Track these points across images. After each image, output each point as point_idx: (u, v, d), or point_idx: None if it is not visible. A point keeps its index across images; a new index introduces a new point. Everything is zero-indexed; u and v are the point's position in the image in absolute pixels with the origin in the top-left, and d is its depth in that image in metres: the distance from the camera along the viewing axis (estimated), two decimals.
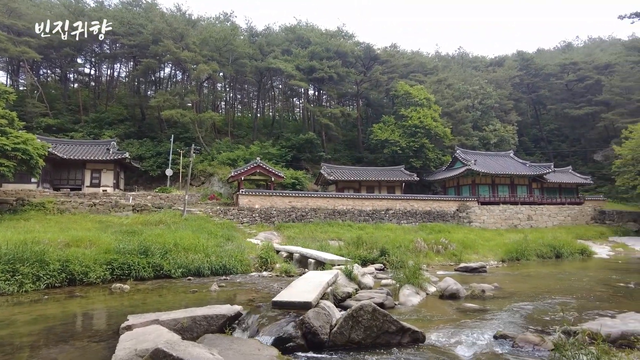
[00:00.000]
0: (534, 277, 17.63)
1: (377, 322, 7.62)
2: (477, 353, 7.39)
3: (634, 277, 16.92)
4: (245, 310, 8.98)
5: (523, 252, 23.33)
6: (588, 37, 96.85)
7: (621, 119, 46.18)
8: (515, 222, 34.66)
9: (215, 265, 15.68)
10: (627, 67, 53.77)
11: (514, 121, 53.42)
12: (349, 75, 47.35)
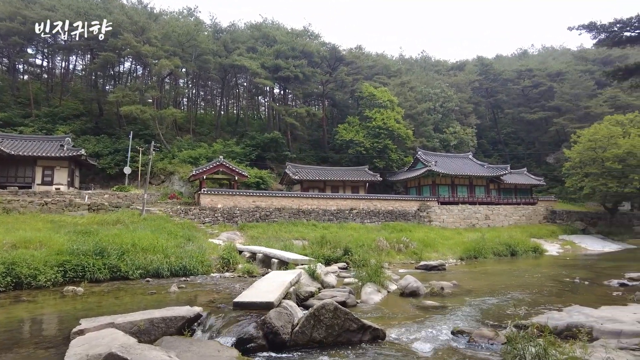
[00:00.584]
0: (491, 274, 18.36)
1: (338, 320, 7.68)
2: (435, 349, 7.59)
3: (580, 273, 17.98)
4: (206, 311, 8.81)
5: (480, 250, 24.23)
6: (542, 45, 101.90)
7: (571, 124, 48.91)
8: (473, 222, 35.94)
9: (175, 266, 15.28)
10: (576, 76, 57.06)
11: (473, 124, 55.33)
12: (315, 75, 47.49)
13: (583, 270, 19.53)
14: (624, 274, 16.36)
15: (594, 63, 61.95)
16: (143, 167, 32.31)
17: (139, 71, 51.14)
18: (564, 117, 52.44)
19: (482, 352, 7.32)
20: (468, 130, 51.85)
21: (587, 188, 36.33)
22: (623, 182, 33.85)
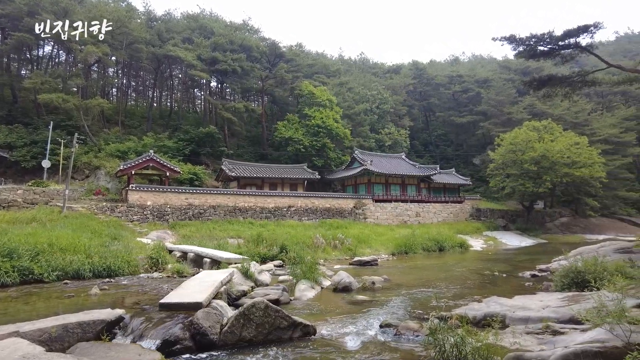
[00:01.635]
0: (420, 269, 19.26)
1: (269, 318, 7.63)
2: (364, 342, 7.79)
3: (500, 267, 19.44)
4: (129, 313, 8.32)
5: (411, 246, 25.36)
6: (472, 53, 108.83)
7: (495, 128, 52.64)
8: (405, 219, 37.50)
9: (99, 266, 14.25)
10: (501, 83, 61.53)
11: (407, 126, 57.72)
12: (254, 70, 46.78)
13: (502, 263, 21.13)
14: (535, 266, 17.95)
15: (515, 73, 67.11)
16: (65, 161, 29.81)
17: (62, 57, 47.11)
18: (489, 121, 56.31)
19: (407, 344, 7.63)
20: (402, 132, 53.99)
21: (508, 188, 39.31)
22: (538, 182, 36.99)
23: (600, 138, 45.73)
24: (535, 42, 18.02)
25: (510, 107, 55.47)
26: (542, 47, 18.18)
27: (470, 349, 5.77)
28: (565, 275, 11.11)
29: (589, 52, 17.34)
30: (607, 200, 43.76)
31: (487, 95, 58.99)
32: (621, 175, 46.39)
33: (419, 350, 7.17)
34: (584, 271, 10.42)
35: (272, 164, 39.54)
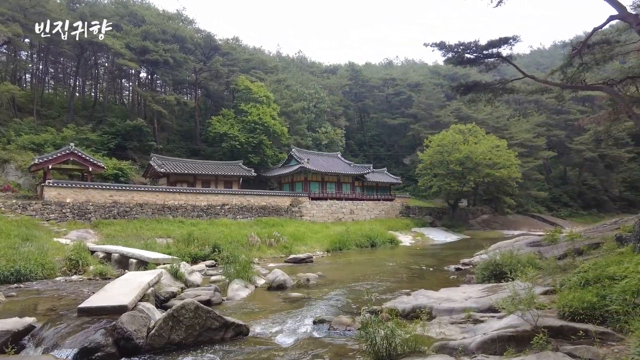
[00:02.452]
0: (353, 264, 19.72)
1: (199, 319, 7.36)
2: (297, 339, 7.79)
3: (427, 261, 20.48)
4: (42, 321, 7.61)
5: (345, 242, 25.88)
6: (405, 58, 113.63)
7: (424, 130, 55.40)
8: (340, 216, 38.23)
9: (6, 271, 12.85)
10: (431, 87, 64.89)
11: (342, 125, 58.84)
12: (187, 62, 44.89)
13: (430, 258, 22.28)
14: (459, 260, 19.14)
15: (444, 78, 71.15)
16: None
17: None
18: (419, 123, 59.14)
19: (340, 339, 7.75)
20: (338, 131, 54.96)
21: (435, 187, 41.57)
22: (462, 182, 39.53)
23: (517, 142, 49.91)
24: (462, 50, 19.15)
25: (438, 110, 58.58)
26: (468, 55, 19.37)
27: (399, 341, 5.99)
28: (485, 268, 11.95)
29: (508, 62, 18.77)
30: (522, 199, 47.92)
31: (417, 99, 61.92)
32: (533, 176, 51.04)
33: (351, 344, 7.32)
34: (501, 264, 11.29)
35: (205, 160, 38.21)
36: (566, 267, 9.53)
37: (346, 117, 63.33)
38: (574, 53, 17.77)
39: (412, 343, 6.00)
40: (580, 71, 18.01)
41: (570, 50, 18.45)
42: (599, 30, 17.22)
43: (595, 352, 5.07)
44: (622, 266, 7.20)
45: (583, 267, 8.14)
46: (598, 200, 55.15)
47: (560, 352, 5.27)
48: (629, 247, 8.81)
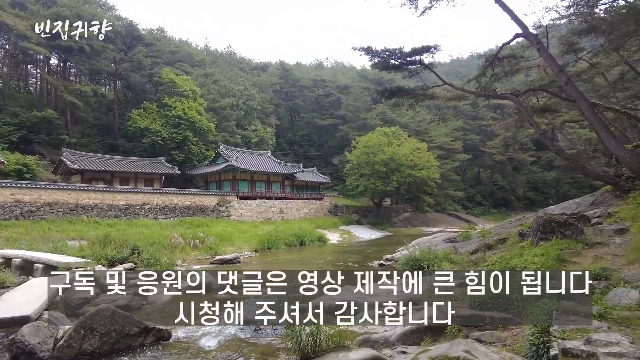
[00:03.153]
0: (282, 263, 19.72)
1: (116, 326, 6.91)
2: (222, 341, 7.63)
3: (353, 258, 21.13)
4: None
5: (274, 242, 25.75)
6: (335, 60, 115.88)
7: (352, 132, 56.95)
8: (269, 215, 38.00)
9: None
10: (358, 90, 66.86)
11: (273, 124, 58.49)
12: (106, 50, 41.67)
13: (355, 255, 22.98)
14: (382, 256, 19.98)
15: (371, 82, 73.56)
16: None
17: None
18: (347, 125, 60.68)
19: (266, 339, 7.72)
20: (268, 130, 54.52)
21: (361, 186, 42.97)
22: (386, 182, 41.30)
23: (436, 144, 53.29)
24: (388, 56, 20.01)
25: (365, 113, 60.58)
26: (393, 61, 20.28)
27: (324, 337, 6.12)
28: (406, 263, 12.62)
29: (429, 69, 19.97)
30: (440, 198, 51.33)
31: (346, 101, 63.51)
32: (450, 177, 54.87)
33: (277, 343, 7.33)
34: (420, 259, 12.01)
35: (124, 157, 35.75)
36: (477, 260, 10.38)
37: (277, 116, 63.07)
38: (486, 64, 19.41)
39: (336, 338, 6.15)
40: (492, 81, 19.71)
41: (484, 61, 20.15)
42: (508, 45, 19.02)
43: (498, 336, 5.60)
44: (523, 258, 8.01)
45: (491, 261, 8.93)
46: (506, 200, 60.77)
47: (470, 338, 5.73)
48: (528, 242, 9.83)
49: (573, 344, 4.36)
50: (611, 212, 11.80)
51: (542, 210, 13.73)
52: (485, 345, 5.68)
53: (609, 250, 8.56)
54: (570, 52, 22.79)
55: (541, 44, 15.46)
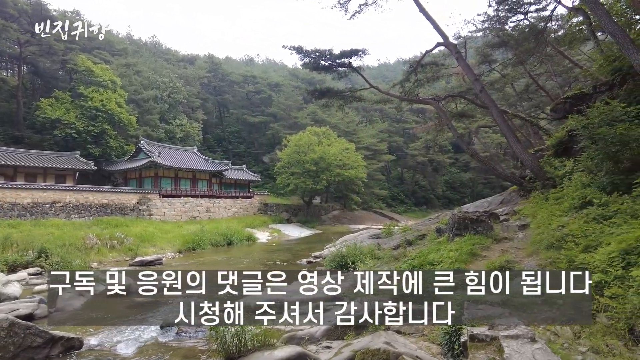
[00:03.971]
0: (207, 264, 19.11)
1: (16, 338, 6.22)
2: (141, 347, 7.24)
3: (282, 256, 21.12)
4: None
5: (199, 242, 24.85)
6: (266, 57, 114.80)
7: (283, 130, 56.94)
8: (195, 214, 36.63)
9: None
10: (290, 89, 66.93)
11: (200, 119, 56.40)
12: (8, 30, 37.23)
13: (285, 253, 22.99)
14: (311, 254, 20.22)
15: (303, 81, 74.09)
16: None
17: None
18: (278, 123, 60.53)
19: (189, 342, 7.45)
20: (195, 125, 52.50)
21: (292, 185, 43.10)
22: (316, 180, 41.87)
23: (364, 145, 55.12)
24: (318, 57, 20.27)
25: (297, 112, 60.88)
26: (323, 62, 20.60)
27: (249, 336, 6.04)
28: (333, 259, 12.90)
29: (357, 72, 20.56)
30: (367, 197, 53.17)
31: (277, 99, 63.30)
32: (376, 176, 57.08)
33: (201, 346, 7.11)
34: (347, 255, 12.33)
35: (31, 150, 32.25)
36: (399, 256, 10.89)
37: (204, 111, 60.89)
38: (410, 70, 20.46)
39: (261, 337, 6.11)
40: (415, 86, 20.82)
41: (408, 67, 21.20)
42: (430, 53, 20.16)
43: (416, 327, 5.92)
44: (439, 253, 8.55)
45: (411, 256, 9.42)
46: (427, 198, 64.56)
47: (391, 330, 6.00)
48: (445, 237, 10.52)
49: (479, 330, 4.76)
50: (516, 210, 13.05)
51: (458, 209, 14.80)
52: (404, 336, 5.99)
53: (513, 244, 9.46)
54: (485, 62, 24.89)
55: (460, 54, 16.62)
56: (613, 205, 7.37)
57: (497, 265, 7.50)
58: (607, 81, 12.43)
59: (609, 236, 6.26)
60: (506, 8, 19.48)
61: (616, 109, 8.48)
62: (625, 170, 8.26)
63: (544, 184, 12.42)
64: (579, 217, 7.86)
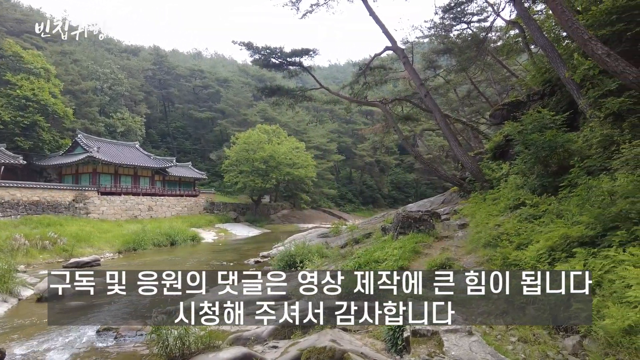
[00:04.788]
0: (149, 265, 18.28)
1: None
2: (75, 354, 6.80)
3: (229, 256, 20.72)
4: None
5: (141, 242, 23.75)
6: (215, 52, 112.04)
7: (232, 127, 55.81)
8: (136, 213, 34.94)
9: None
10: (239, 85, 65.72)
11: (143, 113, 53.87)
12: None
13: (232, 253, 22.56)
14: (259, 253, 19.99)
15: (253, 78, 73.02)
16: None
17: None
18: (227, 119, 59.23)
19: (128, 346, 7.11)
20: (137, 119, 50.04)
21: (240, 183, 42.38)
22: (266, 179, 41.52)
23: (314, 145, 55.44)
24: (268, 54, 20.11)
25: (246, 109, 59.99)
26: (274, 60, 20.47)
27: (193, 339, 5.87)
28: (281, 259, 12.84)
29: (308, 72, 20.63)
30: (316, 196, 53.56)
31: (226, 95, 61.91)
32: (326, 176, 57.64)
33: (142, 350, 6.81)
34: (295, 254, 12.33)
35: None
36: (346, 254, 11.06)
37: (148, 105, 58.20)
38: (359, 73, 20.85)
39: (206, 339, 5.96)
40: (364, 89, 21.24)
41: (357, 69, 21.59)
42: (379, 56, 20.67)
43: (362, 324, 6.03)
44: (384, 251, 8.78)
45: (357, 254, 9.60)
46: (374, 198, 66.12)
47: (337, 328, 6.07)
48: (389, 236, 10.82)
49: (421, 326, 4.94)
50: (457, 209, 13.70)
51: (402, 208, 15.28)
52: (350, 333, 6.09)
53: (453, 242, 9.92)
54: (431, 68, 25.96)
55: (407, 58, 17.16)
56: (542, 205, 7.95)
57: (438, 263, 7.84)
58: (539, 90, 13.40)
59: (539, 234, 6.75)
60: (451, 17, 20.44)
61: (546, 117, 9.15)
62: (553, 174, 8.93)
63: (482, 185, 13.15)
64: (513, 217, 8.40)
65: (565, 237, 6.00)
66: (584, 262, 5.31)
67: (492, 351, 4.40)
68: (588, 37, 7.49)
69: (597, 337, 4.34)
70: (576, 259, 5.49)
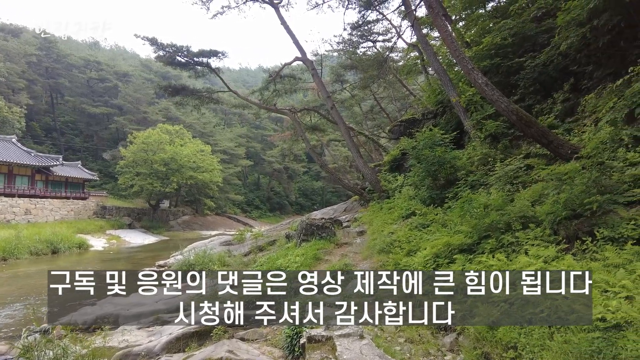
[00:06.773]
0: (22, 277, 16.13)
1: None
2: None
3: (121, 265, 19.15)
4: None
5: (13, 250, 20.78)
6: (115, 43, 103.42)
7: (130, 125, 51.80)
8: (9, 217, 30.52)
9: None
10: (141, 81, 61.33)
11: (24, 104, 47.40)
12: None
13: (124, 262, 20.86)
14: (155, 263, 18.75)
15: (156, 74, 68.80)
16: None
17: None
18: (124, 116, 54.78)
19: None
20: (16, 110, 43.85)
21: (137, 186, 39.42)
22: (166, 182, 39.25)
23: (221, 149, 53.96)
24: (174, 51, 19.21)
25: (147, 106, 56.28)
26: (180, 58, 19.61)
27: (73, 358, 5.30)
28: (180, 268, 12.19)
29: (215, 73, 20.12)
30: (221, 201, 52.07)
31: (125, 90, 57.29)
32: (233, 181, 56.45)
33: None
34: (195, 263, 11.82)
35: None
36: (249, 262, 10.93)
37: (30, 94, 51.38)
38: (270, 80, 20.93)
39: (89, 358, 5.42)
40: (274, 96, 21.37)
41: (268, 76, 21.65)
42: (289, 65, 20.97)
43: (260, 332, 6.02)
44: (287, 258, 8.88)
45: (260, 262, 9.56)
46: (281, 204, 66.39)
47: (235, 338, 5.96)
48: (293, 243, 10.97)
49: (317, 332, 5.09)
50: (356, 217, 14.39)
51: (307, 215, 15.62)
52: (248, 342, 6.01)
53: (352, 248, 10.40)
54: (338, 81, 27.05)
55: (315, 70, 17.67)
56: (430, 215, 8.73)
57: (337, 268, 8.14)
58: (433, 110, 14.77)
59: (426, 242, 7.39)
60: (359, 34, 21.60)
61: (437, 135, 10.11)
62: (441, 186, 9.88)
63: (380, 195, 14.01)
64: (405, 226, 9.08)
65: (447, 245, 6.66)
66: (462, 267, 5.94)
67: (381, 353, 4.69)
68: (471, 67, 8.47)
69: (469, 333, 4.87)
70: (456, 264, 6.13)
